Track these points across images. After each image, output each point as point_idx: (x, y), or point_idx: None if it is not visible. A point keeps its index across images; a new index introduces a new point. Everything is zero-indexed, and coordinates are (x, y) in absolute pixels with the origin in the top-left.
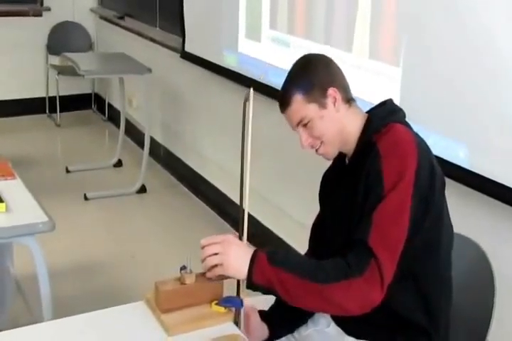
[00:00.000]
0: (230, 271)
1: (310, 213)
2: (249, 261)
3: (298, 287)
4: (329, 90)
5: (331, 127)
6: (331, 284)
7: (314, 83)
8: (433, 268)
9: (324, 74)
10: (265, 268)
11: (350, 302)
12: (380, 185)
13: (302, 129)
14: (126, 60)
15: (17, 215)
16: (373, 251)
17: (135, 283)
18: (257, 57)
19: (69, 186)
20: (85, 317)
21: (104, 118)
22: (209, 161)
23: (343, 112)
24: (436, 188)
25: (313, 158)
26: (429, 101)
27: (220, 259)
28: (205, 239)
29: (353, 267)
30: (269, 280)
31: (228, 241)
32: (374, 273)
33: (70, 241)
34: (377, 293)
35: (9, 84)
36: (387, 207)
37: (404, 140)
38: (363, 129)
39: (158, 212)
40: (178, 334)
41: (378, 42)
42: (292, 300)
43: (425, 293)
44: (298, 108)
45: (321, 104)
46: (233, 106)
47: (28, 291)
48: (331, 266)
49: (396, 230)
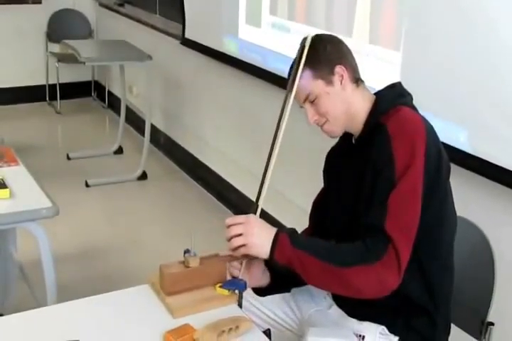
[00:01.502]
0: (254, 250)
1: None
2: (272, 241)
3: (316, 268)
4: (336, 67)
5: (336, 105)
6: (350, 268)
7: (322, 60)
8: (436, 252)
9: (333, 51)
10: (286, 249)
11: (367, 287)
12: (392, 169)
13: (309, 105)
14: (127, 47)
15: (21, 201)
16: (390, 237)
17: (137, 267)
18: (258, 43)
19: (70, 173)
20: (90, 301)
21: (104, 106)
22: (209, 147)
23: (350, 91)
24: (442, 172)
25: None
26: (429, 85)
27: (244, 240)
28: (229, 219)
29: (372, 252)
30: (289, 260)
31: (251, 221)
32: (392, 258)
33: (71, 227)
34: (395, 277)
35: (9, 72)
36: (401, 191)
37: (413, 122)
38: (371, 110)
39: (159, 198)
40: (182, 316)
41: (378, 27)
42: (310, 279)
43: (428, 276)
44: (305, 83)
45: (328, 80)
46: (234, 92)
47: (32, 277)
48: (349, 249)
49: (410, 215)
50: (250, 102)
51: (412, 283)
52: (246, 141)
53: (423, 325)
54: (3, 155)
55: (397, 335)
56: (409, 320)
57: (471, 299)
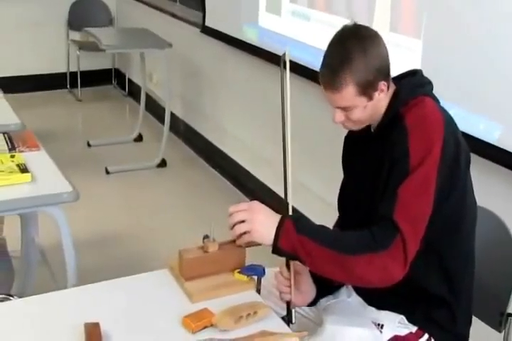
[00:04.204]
0: (257, 237)
1: (332, 189)
2: (276, 227)
3: (321, 255)
4: (380, 84)
5: (368, 113)
6: (354, 256)
7: (370, 76)
8: (456, 244)
9: (379, 62)
10: (291, 235)
11: (371, 276)
12: (406, 161)
13: (340, 110)
14: (147, 34)
15: (42, 185)
16: (399, 227)
17: (156, 253)
18: (277, 31)
19: (90, 160)
20: (109, 284)
21: (124, 94)
22: (228, 135)
23: (383, 98)
24: (461, 164)
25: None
26: (451, 73)
27: (247, 227)
28: (232, 207)
29: (378, 241)
30: (293, 247)
31: (254, 208)
32: (398, 248)
33: (92, 213)
34: (400, 268)
35: (31, 60)
36: (412, 182)
37: (432, 114)
38: (391, 101)
39: (178, 186)
40: (200, 301)
41: (399, 15)
42: (314, 267)
43: (448, 267)
44: (346, 97)
45: (370, 96)
46: (253, 80)
47: (52, 260)
48: (355, 237)
49: (421, 206)
50: (269, 90)
51: (431, 273)
52: (264, 129)
53: (443, 316)
54: (25, 140)
55: (416, 325)
56: (428, 311)
57: (491, 290)
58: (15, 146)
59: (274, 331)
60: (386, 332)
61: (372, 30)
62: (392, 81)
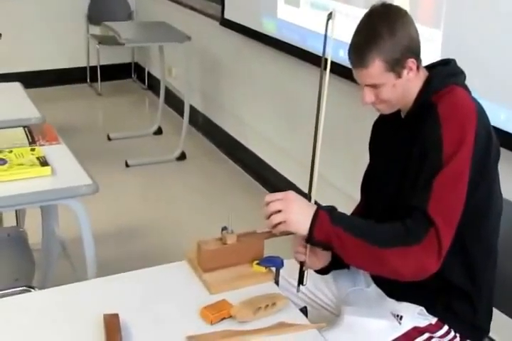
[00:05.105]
0: (293, 227)
1: (351, 180)
2: (311, 217)
3: (355, 247)
4: (409, 62)
5: (398, 93)
6: (389, 248)
7: (398, 54)
8: (481, 235)
9: (408, 41)
10: (325, 226)
11: (405, 269)
12: (439, 152)
13: (369, 89)
14: (166, 28)
15: (62, 178)
16: (433, 220)
17: (174, 246)
18: (296, 23)
19: (110, 153)
20: (128, 276)
21: (144, 87)
22: (248, 128)
23: (413, 79)
24: (491, 157)
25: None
26: (472, 64)
27: (283, 217)
28: (268, 196)
29: (412, 234)
30: (328, 237)
31: (290, 198)
32: (432, 241)
33: (111, 205)
34: (434, 261)
35: (51, 54)
36: (446, 175)
37: (464, 105)
38: (422, 88)
39: (198, 178)
40: (219, 292)
41: (419, 4)
42: (348, 258)
43: (471, 259)
44: (374, 74)
45: (398, 73)
46: (273, 72)
47: (72, 252)
48: (389, 230)
49: (454, 199)
50: (288, 82)
51: (454, 265)
52: (283, 122)
53: (463, 308)
54: (45, 134)
55: (436, 316)
56: (449, 303)
57: None
58: (35, 140)
59: (293, 322)
60: (405, 323)
61: (402, 9)
62: (425, 68)
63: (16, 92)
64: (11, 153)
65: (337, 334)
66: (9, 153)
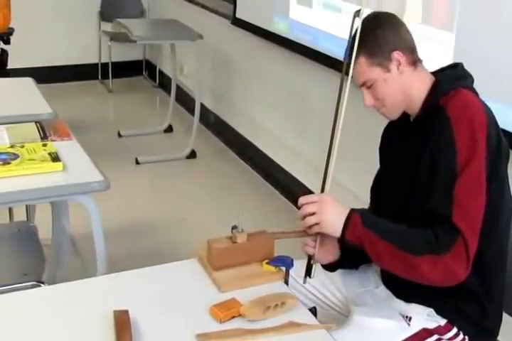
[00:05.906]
0: (326, 229)
1: (359, 181)
2: (344, 220)
3: (386, 250)
4: (394, 54)
5: (394, 90)
6: (419, 257)
7: (378, 45)
8: (492, 237)
9: (389, 35)
10: (358, 228)
11: (436, 276)
12: (454, 155)
13: (366, 90)
14: (178, 26)
15: (73, 174)
16: (459, 229)
17: (184, 243)
18: (308, 24)
19: (121, 150)
20: (138, 273)
21: (155, 85)
22: (258, 127)
23: (408, 75)
24: (502, 157)
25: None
26: (485, 67)
27: (317, 219)
28: (302, 198)
29: (441, 243)
30: (360, 240)
31: (324, 200)
32: (461, 250)
33: (122, 202)
34: (463, 269)
35: (63, 51)
36: (467, 181)
37: (473, 105)
38: (430, 91)
39: (207, 177)
40: (229, 291)
41: (431, 7)
42: (378, 261)
43: (482, 261)
44: (361, 70)
45: (385, 67)
46: (283, 72)
47: (83, 248)
48: (419, 237)
49: (477, 205)
50: (300, 82)
51: None
52: (294, 122)
53: (473, 310)
54: (57, 130)
55: (446, 318)
56: (458, 304)
57: None
58: (47, 135)
59: (302, 322)
60: (414, 325)
61: (390, 14)
62: (432, 73)
63: (27, 87)
64: (23, 148)
65: (346, 335)
66: (21, 148)
